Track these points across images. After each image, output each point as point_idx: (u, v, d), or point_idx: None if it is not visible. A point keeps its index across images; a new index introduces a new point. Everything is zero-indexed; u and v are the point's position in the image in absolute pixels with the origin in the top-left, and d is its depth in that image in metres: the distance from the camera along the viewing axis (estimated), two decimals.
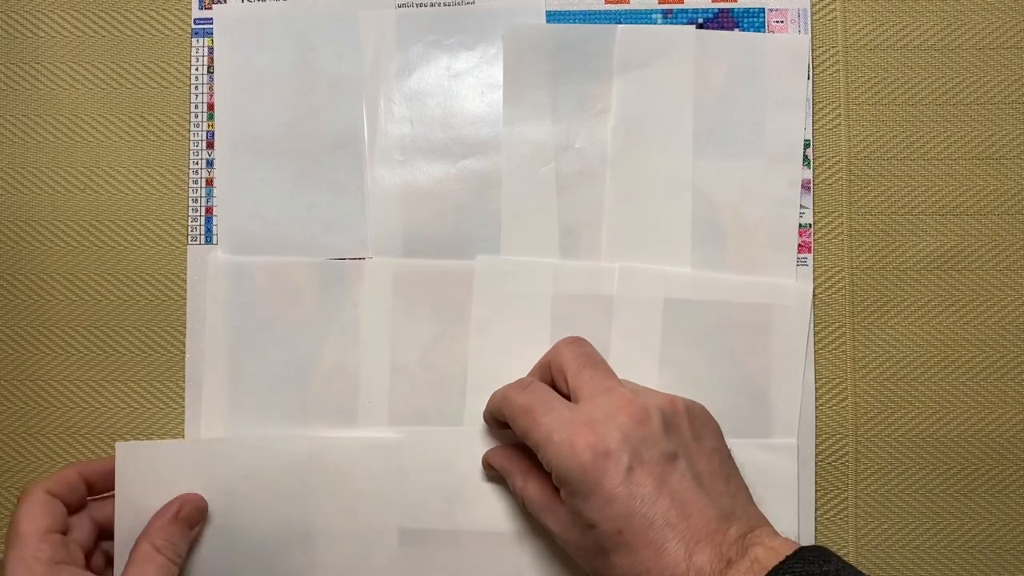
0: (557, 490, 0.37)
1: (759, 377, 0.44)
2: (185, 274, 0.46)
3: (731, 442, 0.40)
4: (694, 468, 0.36)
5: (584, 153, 0.45)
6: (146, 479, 0.43)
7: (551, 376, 0.41)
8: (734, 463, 0.38)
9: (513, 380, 0.42)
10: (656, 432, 0.36)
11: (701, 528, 0.34)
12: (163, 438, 0.46)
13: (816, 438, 0.44)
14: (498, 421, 0.42)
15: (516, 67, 0.45)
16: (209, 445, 0.45)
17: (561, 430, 0.36)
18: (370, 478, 0.44)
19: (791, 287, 0.44)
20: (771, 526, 0.36)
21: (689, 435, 0.37)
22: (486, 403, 0.43)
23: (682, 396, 0.38)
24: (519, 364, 0.44)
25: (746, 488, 0.38)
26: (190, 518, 0.42)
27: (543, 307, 0.44)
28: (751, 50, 0.45)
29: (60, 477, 0.40)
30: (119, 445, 0.43)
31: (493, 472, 0.43)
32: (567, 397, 0.39)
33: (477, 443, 0.44)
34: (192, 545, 0.43)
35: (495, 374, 0.44)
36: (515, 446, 0.42)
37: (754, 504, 0.37)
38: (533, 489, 0.39)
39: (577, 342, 0.41)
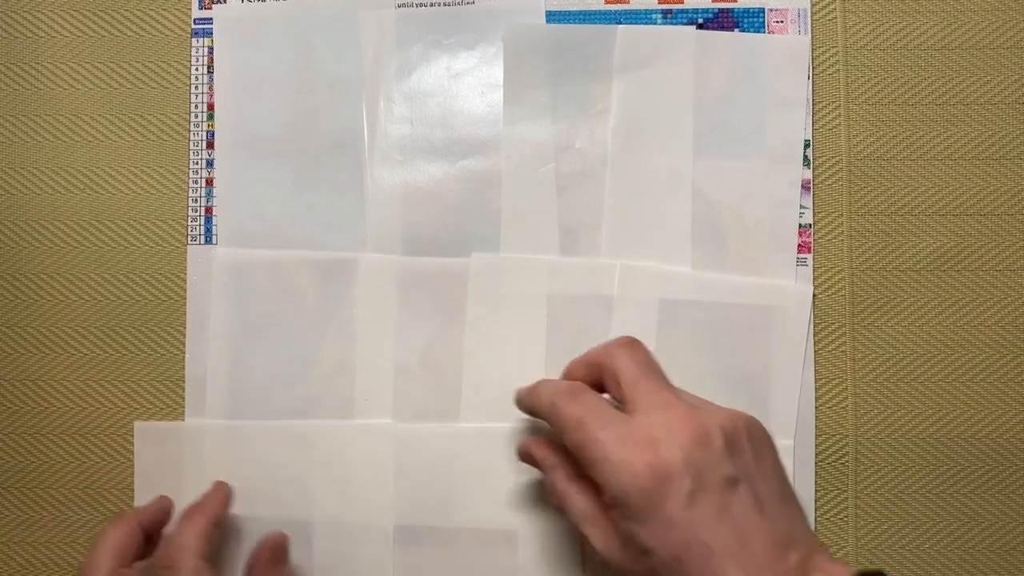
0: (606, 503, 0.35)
1: (758, 378, 0.44)
2: (185, 274, 0.46)
3: None
4: (755, 492, 0.34)
5: (584, 153, 0.45)
6: (161, 457, 0.46)
7: (599, 376, 0.38)
8: (789, 483, 0.36)
9: (509, 378, 0.41)
10: (718, 454, 0.34)
11: (761, 556, 0.32)
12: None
13: (816, 438, 0.44)
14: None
15: (516, 67, 0.45)
16: (220, 427, 0.45)
17: (619, 449, 0.34)
18: (367, 464, 0.44)
19: (791, 289, 0.44)
20: (827, 551, 0.35)
21: (750, 455, 0.35)
22: (521, 392, 0.40)
23: (740, 411, 0.36)
24: (515, 362, 0.44)
25: (802, 509, 0.36)
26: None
27: (539, 305, 0.44)
28: (751, 51, 0.45)
29: (122, 534, 0.40)
30: (137, 424, 0.46)
31: (529, 462, 0.40)
32: (615, 400, 0.37)
33: (473, 440, 0.44)
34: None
35: (491, 372, 0.44)
36: (551, 444, 0.40)
37: (808, 526, 0.36)
38: (578, 498, 0.37)
39: (633, 345, 0.38)
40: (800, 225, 0.44)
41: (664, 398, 0.36)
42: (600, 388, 0.38)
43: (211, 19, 0.47)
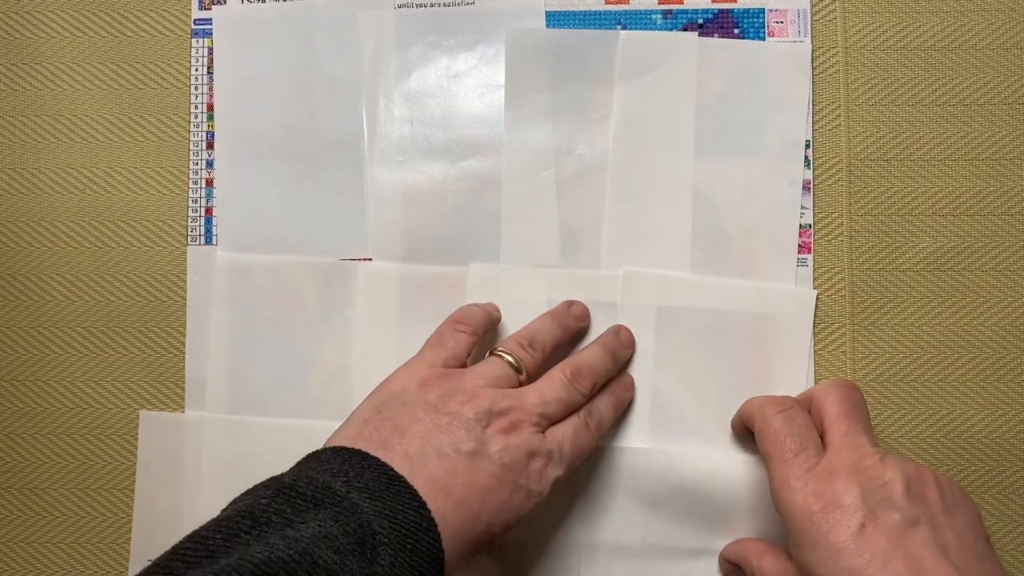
0: (791, 562, 0.36)
1: (761, 383, 0.44)
2: (185, 274, 0.47)
3: (735, 451, 0.40)
4: (939, 538, 0.33)
5: (585, 159, 0.45)
6: (164, 447, 0.46)
7: (809, 410, 0.39)
8: (991, 547, 0.35)
9: None
10: (897, 495, 0.34)
11: None
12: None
13: None
14: (745, 430, 0.41)
15: (518, 72, 0.45)
16: (224, 421, 0.46)
17: (801, 476, 0.35)
18: None
19: (794, 292, 0.44)
20: None
21: (938, 506, 0.34)
22: (737, 409, 0.42)
23: (937, 471, 0.36)
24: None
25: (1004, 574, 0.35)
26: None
27: (539, 312, 0.44)
28: (753, 57, 0.45)
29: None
30: (143, 413, 0.46)
31: (731, 567, 0.42)
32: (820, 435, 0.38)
33: None
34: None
35: None
36: (746, 538, 0.43)
37: None
38: (768, 564, 0.39)
39: (848, 387, 0.39)
40: (800, 225, 0.44)
41: (857, 441, 0.36)
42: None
43: (211, 20, 0.47)
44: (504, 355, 0.39)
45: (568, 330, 0.43)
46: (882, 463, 0.35)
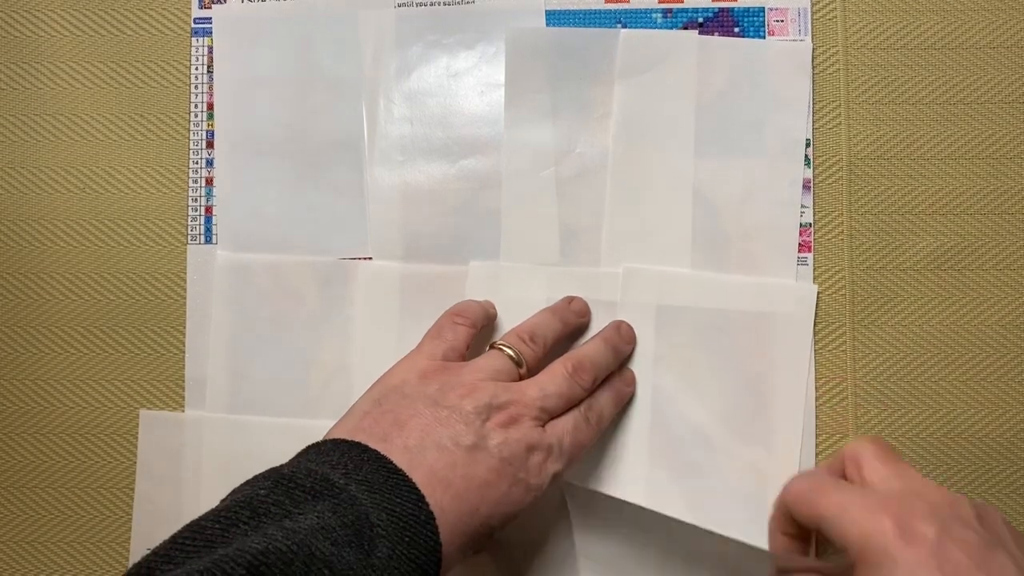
0: None
1: (762, 382, 0.44)
2: (185, 274, 0.47)
3: (734, 447, 0.39)
4: (1020, 565, 0.31)
5: (585, 158, 0.45)
6: (164, 446, 0.46)
7: (842, 466, 0.37)
8: None
9: None
10: (968, 517, 0.32)
11: None
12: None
13: (816, 438, 0.44)
14: (785, 535, 0.37)
15: (518, 71, 0.45)
16: (224, 420, 0.46)
17: (859, 501, 0.33)
18: None
19: (795, 288, 0.44)
20: None
21: (1009, 538, 0.32)
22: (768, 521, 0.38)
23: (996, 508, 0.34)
24: None
25: None
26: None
27: (539, 309, 0.44)
28: (753, 56, 0.45)
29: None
30: (143, 413, 0.46)
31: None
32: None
33: None
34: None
35: None
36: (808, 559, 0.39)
37: None
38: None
39: (879, 439, 0.37)
40: (800, 224, 0.44)
41: (909, 474, 0.34)
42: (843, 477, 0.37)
43: (211, 19, 0.47)
44: (504, 348, 0.39)
45: (568, 325, 0.42)
46: (942, 487, 0.33)
